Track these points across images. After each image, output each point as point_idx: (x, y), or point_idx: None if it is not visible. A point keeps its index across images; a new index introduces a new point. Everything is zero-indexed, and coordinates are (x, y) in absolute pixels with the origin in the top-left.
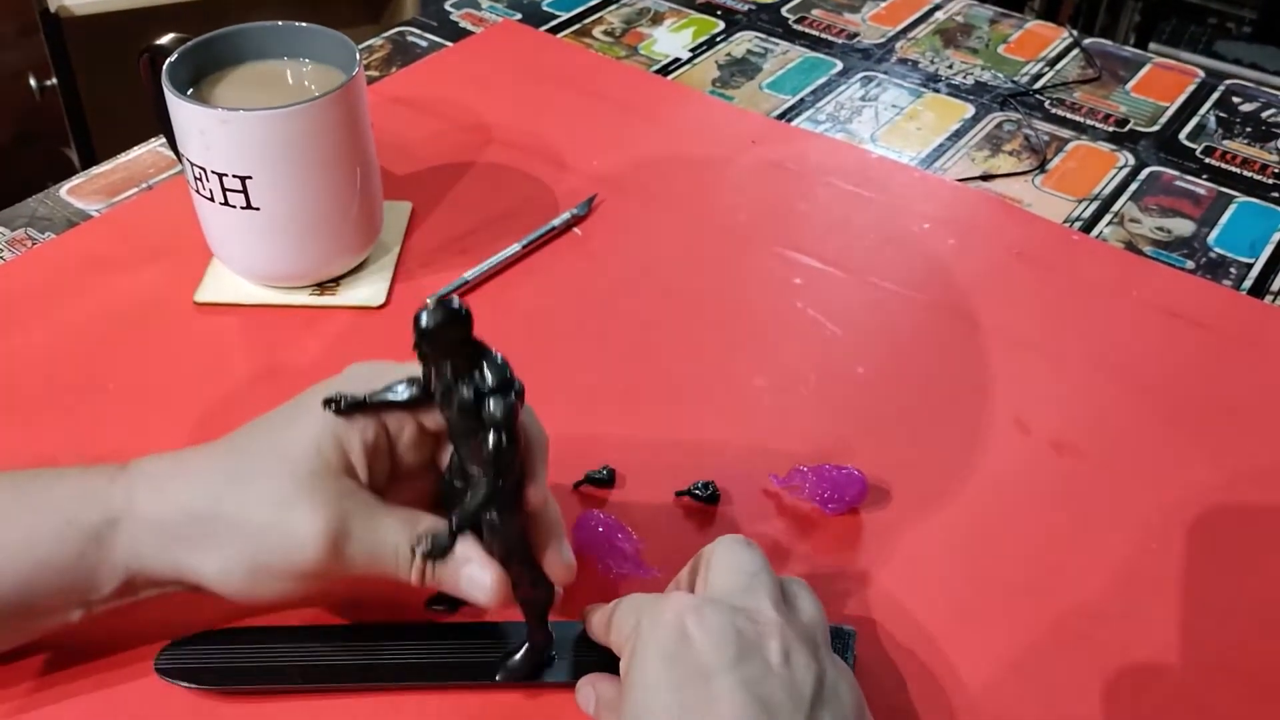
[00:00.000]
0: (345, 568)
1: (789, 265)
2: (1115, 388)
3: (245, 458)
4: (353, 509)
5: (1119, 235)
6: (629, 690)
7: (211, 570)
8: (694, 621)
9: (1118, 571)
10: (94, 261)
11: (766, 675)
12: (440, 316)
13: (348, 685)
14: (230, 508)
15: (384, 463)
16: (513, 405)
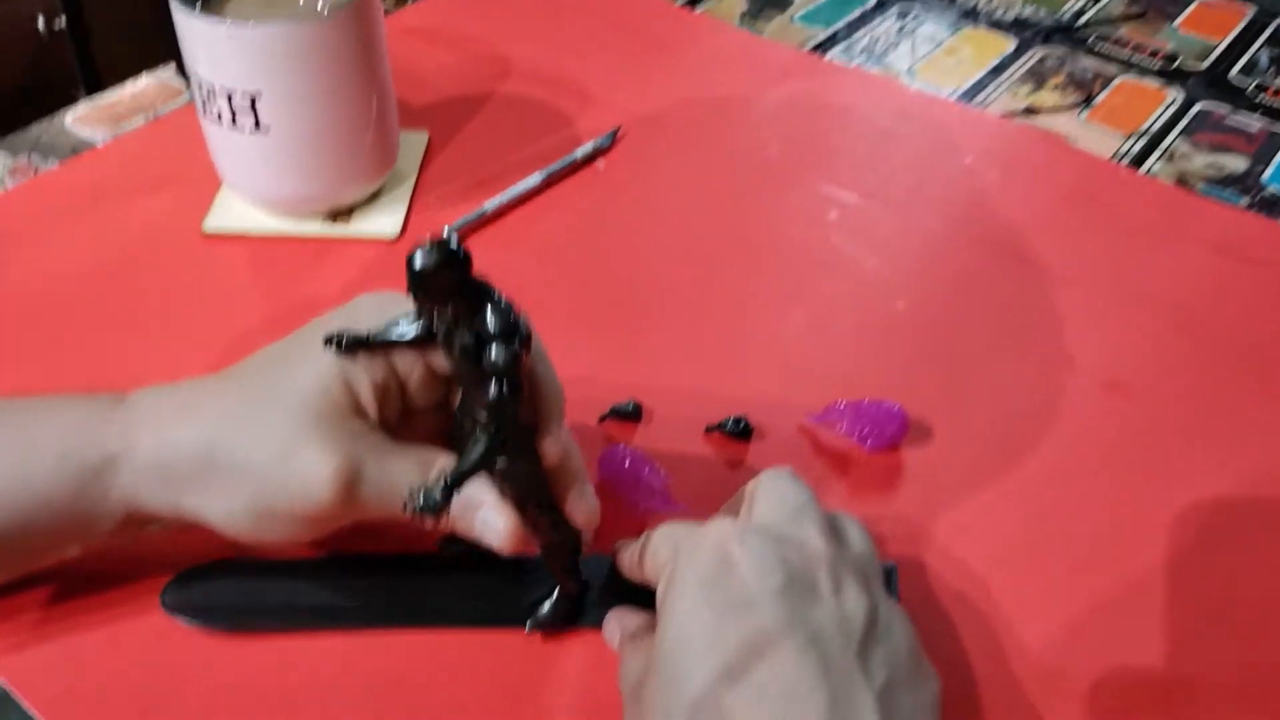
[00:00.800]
0: (356, 511)
1: (823, 200)
2: (1167, 326)
3: (251, 398)
4: (364, 451)
5: (1169, 171)
6: (665, 617)
7: (216, 513)
8: (738, 548)
9: (1170, 512)
10: (99, 190)
11: (815, 606)
12: (436, 257)
13: (365, 626)
14: (236, 451)
15: (394, 402)
16: (517, 354)
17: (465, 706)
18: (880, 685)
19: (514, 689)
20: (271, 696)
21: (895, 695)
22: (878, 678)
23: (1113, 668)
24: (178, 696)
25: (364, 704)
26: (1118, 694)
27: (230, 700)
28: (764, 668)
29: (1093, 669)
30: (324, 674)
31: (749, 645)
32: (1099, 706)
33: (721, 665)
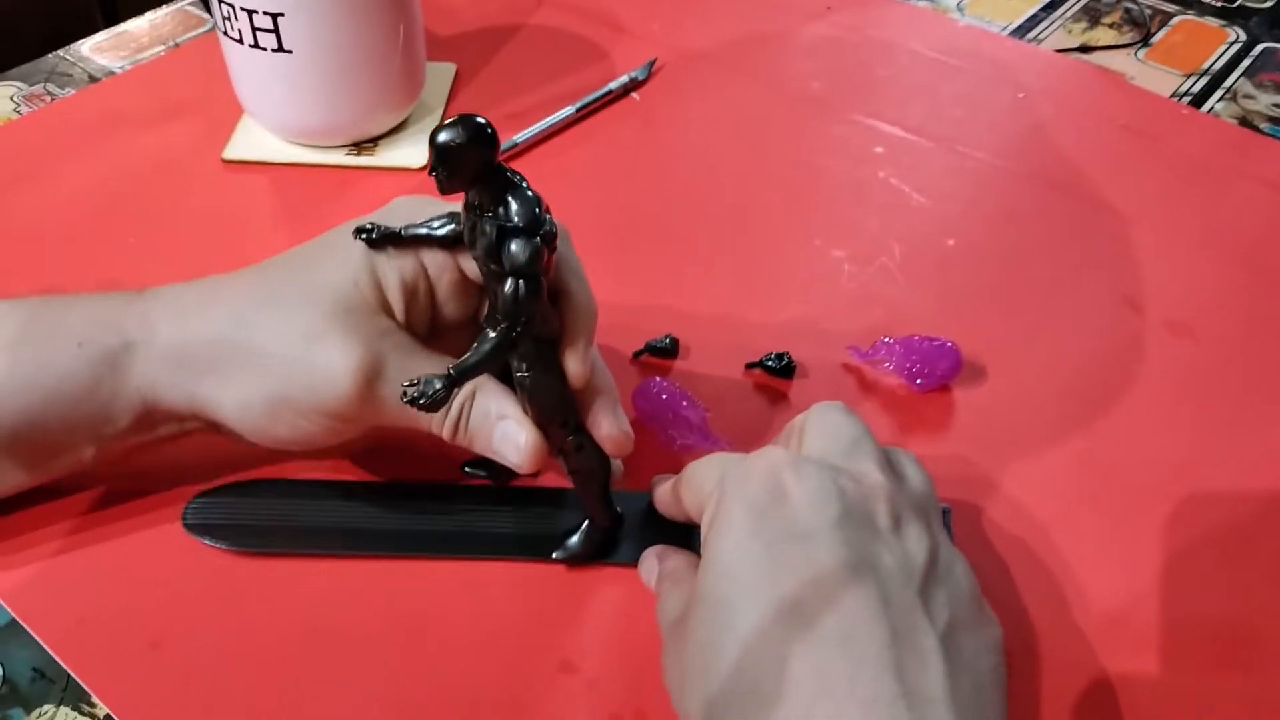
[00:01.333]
0: (374, 411)
1: (869, 134)
2: (1232, 267)
3: (275, 286)
4: (388, 348)
5: (1231, 111)
6: (711, 548)
7: (230, 403)
8: (791, 477)
9: (1236, 456)
10: (116, 117)
11: (874, 540)
12: (460, 133)
13: (391, 553)
14: (255, 337)
15: (423, 309)
16: (538, 249)
17: (487, 639)
18: (943, 626)
19: (541, 623)
20: (289, 621)
21: (958, 637)
22: (940, 618)
23: (1175, 615)
24: (191, 625)
25: (388, 632)
26: (1180, 641)
27: (246, 625)
28: (820, 603)
29: (1155, 616)
30: (345, 599)
31: (804, 579)
32: (1161, 654)
33: (774, 600)
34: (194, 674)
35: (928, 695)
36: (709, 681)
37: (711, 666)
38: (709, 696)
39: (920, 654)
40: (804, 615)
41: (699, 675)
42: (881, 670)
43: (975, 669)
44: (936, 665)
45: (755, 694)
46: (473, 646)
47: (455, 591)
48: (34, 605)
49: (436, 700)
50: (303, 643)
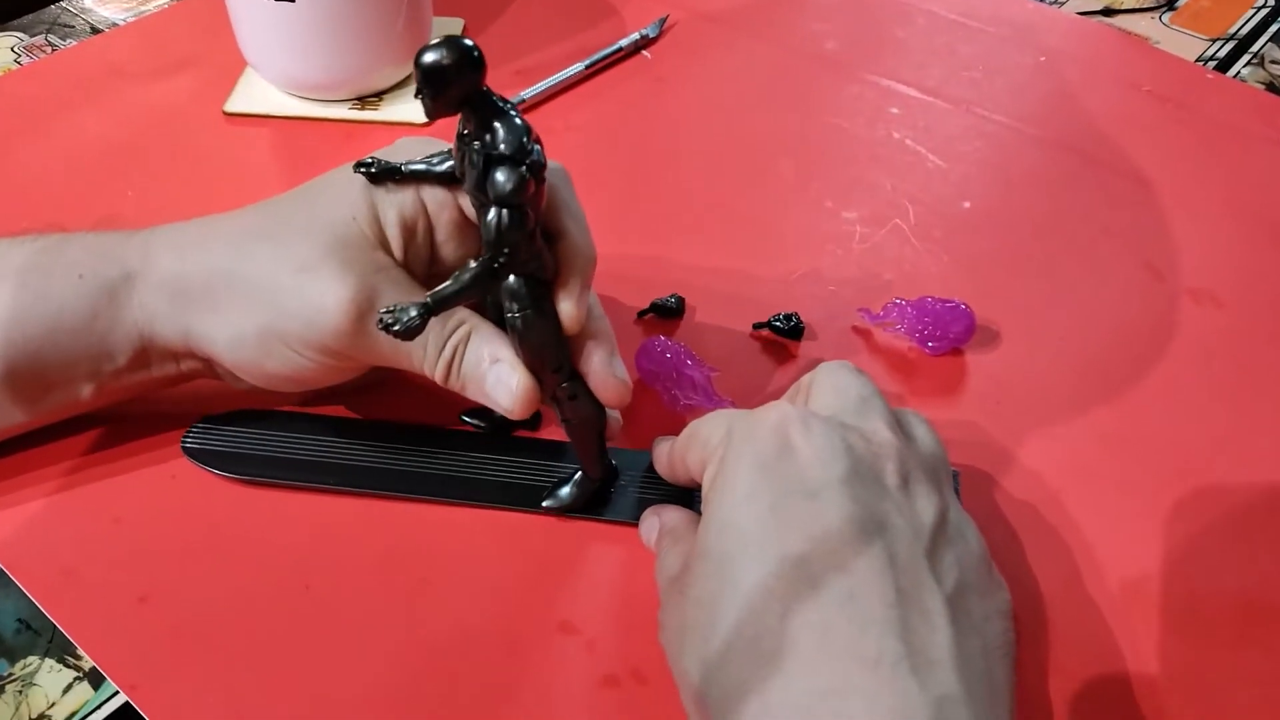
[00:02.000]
0: (366, 348)
1: (885, 94)
2: (1257, 234)
3: (274, 220)
4: (383, 284)
5: (1258, 77)
6: (715, 502)
7: (223, 335)
8: (799, 432)
9: (1257, 426)
10: (118, 69)
11: (883, 499)
12: (445, 54)
13: (385, 491)
14: (250, 268)
15: (422, 248)
16: (524, 178)
17: (486, 598)
18: (951, 588)
19: (541, 581)
20: (279, 576)
21: (966, 600)
22: (948, 580)
23: (1190, 589)
24: (180, 578)
25: (381, 590)
26: (1194, 616)
27: (235, 579)
28: (824, 561)
29: (1169, 589)
30: (337, 554)
31: (809, 536)
32: (1174, 628)
33: (777, 557)
34: (181, 627)
35: (933, 657)
36: (707, 639)
37: (710, 624)
38: (707, 655)
39: (926, 615)
40: (808, 573)
41: (697, 633)
42: (886, 630)
43: (983, 633)
44: (943, 627)
45: (754, 652)
46: (470, 606)
47: (454, 548)
48: (21, 556)
49: (431, 658)
50: (293, 599)
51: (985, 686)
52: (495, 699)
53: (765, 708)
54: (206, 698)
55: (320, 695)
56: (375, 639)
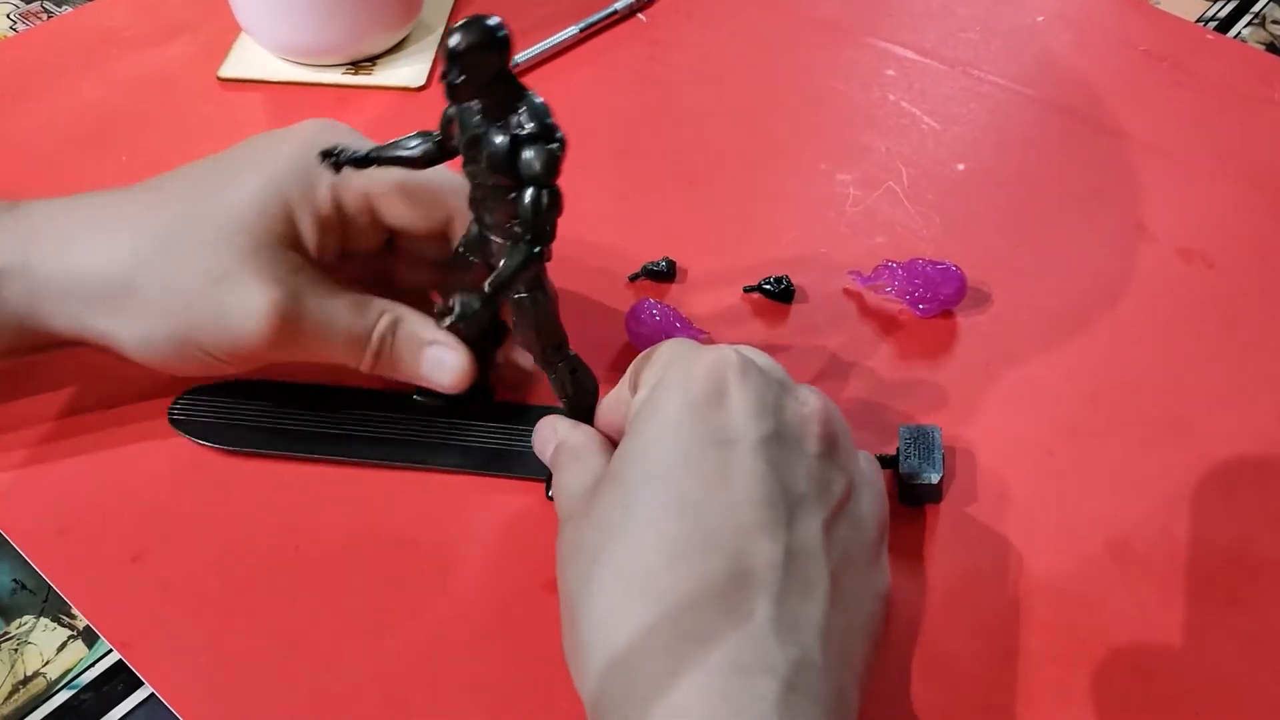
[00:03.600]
0: (288, 351)
1: (881, 56)
2: (1251, 196)
3: (177, 218)
4: (302, 287)
5: (1259, 37)
6: (637, 431)
7: (130, 338)
8: (736, 379)
9: (1247, 388)
10: (112, 36)
11: (797, 462)
12: (476, 35)
13: (375, 460)
14: (157, 277)
15: (334, 240)
16: (557, 156)
17: (472, 558)
18: (836, 560)
19: (527, 541)
20: (271, 537)
21: (847, 575)
22: (834, 555)
23: (1175, 546)
24: (173, 538)
25: (372, 549)
26: (1180, 573)
27: (228, 540)
28: (720, 515)
29: (1154, 547)
30: (329, 515)
31: (712, 486)
32: (1159, 585)
33: (679, 500)
34: (173, 586)
35: (801, 623)
36: (597, 563)
37: (600, 549)
38: (590, 577)
39: (806, 584)
40: (703, 521)
41: (586, 554)
42: (763, 590)
43: (854, 610)
44: (819, 598)
45: (633, 587)
46: (456, 567)
47: (438, 509)
48: (16, 516)
49: (417, 617)
50: (285, 559)
51: (840, 659)
52: (481, 657)
53: (630, 643)
54: (198, 655)
55: (309, 652)
56: (362, 598)
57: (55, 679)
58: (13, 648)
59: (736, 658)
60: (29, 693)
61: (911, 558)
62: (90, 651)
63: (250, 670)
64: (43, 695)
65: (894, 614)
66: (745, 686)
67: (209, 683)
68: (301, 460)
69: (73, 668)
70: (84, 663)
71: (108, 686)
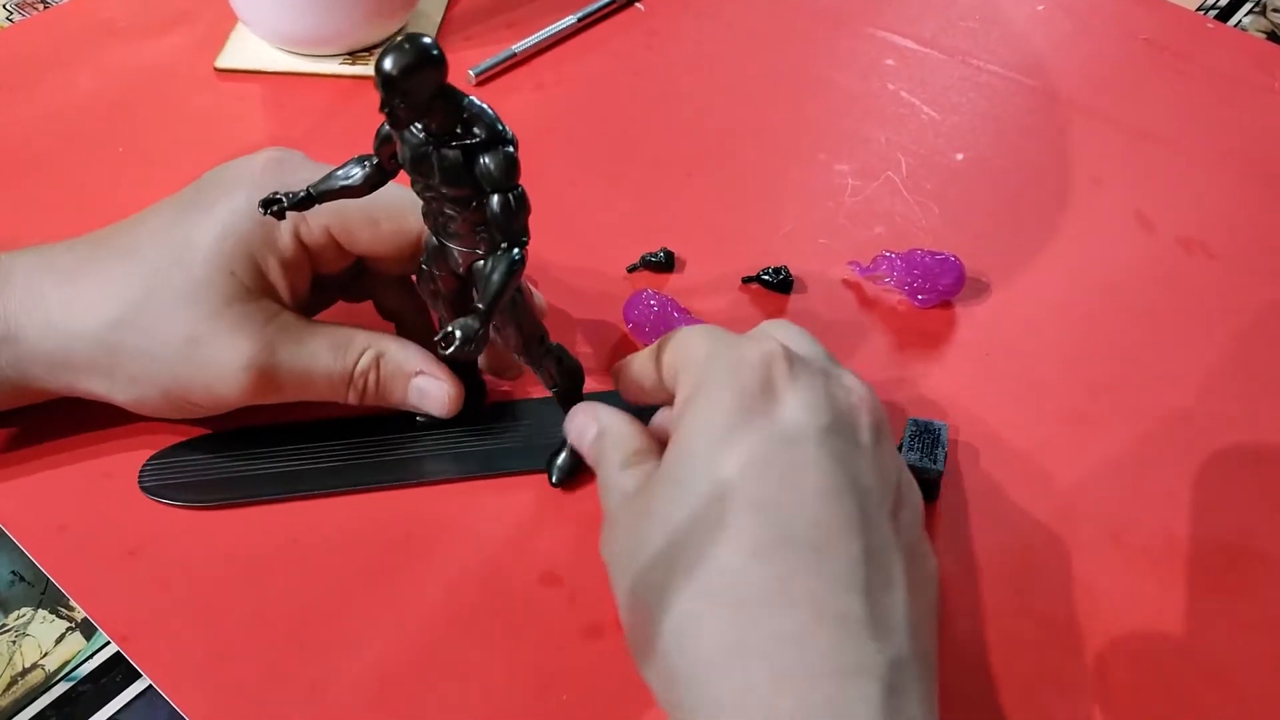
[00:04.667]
0: (273, 397)
1: (880, 46)
2: (1251, 185)
3: (148, 282)
4: (275, 336)
5: (1260, 26)
6: (690, 426)
7: (123, 398)
8: (783, 374)
9: (1248, 378)
10: (109, 26)
11: (857, 453)
12: (410, 57)
13: (360, 487)
14: (136, 344)
15: (303, 277)
16: (514, 158)
17: (468, 551)
18: (906, 550)
19: (521, 535)
20: (268, 530)
21: (916, 561)
22: (905, 538)
23: (1173, 535)
24: (170, 533)
25: (369, 539)
26: (1178, 562)
27: (225, 533)
28: (797, 511)
29: (1153, 536)
30: (326, 509)
31: (786, 484)
32: (1156, 573)
33: (752, 498)
34: (170, 580)
35: (890, 619)
36: (666, 567)
37: (671, 552)
38: (662, 582)
39: (888, 576)
40: (779, 520)
41: (653, 556)
42: (851, 588)
43: (924, 599)
44: (900, 589)
45: (711, 588)
46: (453, 560)
47: (435, 504)
48: (14, 510)
49: (414, 611)
50: (279, 552)
51: (923, 651)
52: (478, 651)
53: (722, 645)
54: (195, 647)
55: (305, 645)
56: (359, 591)
57: (53, 671)
58: (11, 640)
59: (837, 661)
60: (27, 684)
61: None
62: (88, 644)
63: (248, 663)
64: (41, 687)
65: None
66: (848, 691)
67: (207, 675)
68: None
69: (71, 660)
70: (82, 655)
71: (106, 679)
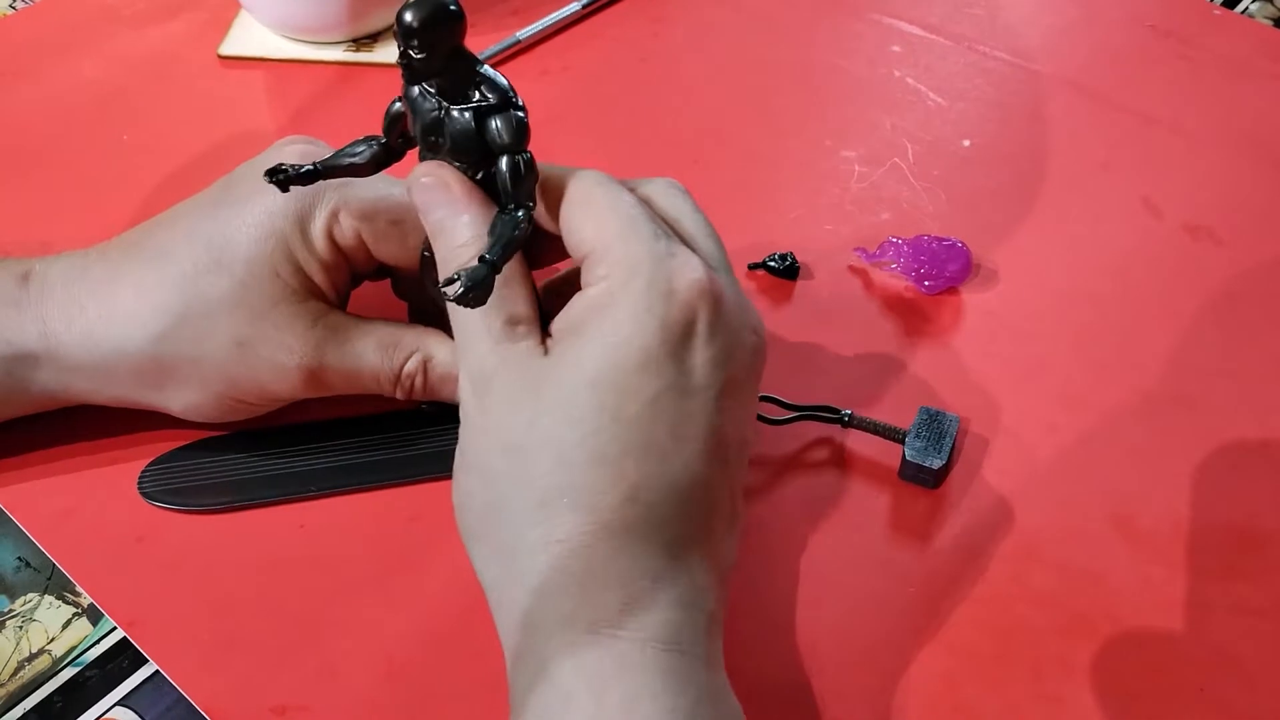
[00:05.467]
0: (323, 391)
1: (886, 32)
2: (1258, 172)
3: (189, 289)
4: (323, 337)
5: (1267, 12)
6: (598, 334)
7: (176, 406)
8: (706, 322)
9: (1257, 364)
10: (112, 13)
11: (745, 405)
12: (431, 8)
13: (363, 486)
14: (185, 353)
15: (344, 276)
16: (524, 122)
17: None
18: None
19: None
20: (274, 518)
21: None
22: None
23: (1181, 521)
24: (176, 519)
25: (375, 522)
26: (1188, 546)
27: (231, 520)
28: (685, 454)
29: (1160, 521)
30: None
31: (676, 430)
32: (1163, 558)
33: (643, 444)
34: (177, 566)
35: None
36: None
37: (539, 452)
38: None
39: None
40: (665, 470)
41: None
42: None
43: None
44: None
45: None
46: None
47: (443, 490)
48: (20, 496)
49: (421, 596)
50: (287, 538)
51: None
52: (483, 638)
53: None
54: (201, 633)
55: (312, 632)
56: (367, 579)
57: (60, 656)
58: (18, 625)
59: (679, 596)
60: (34, 670)
61: (916, 532)
62: (95, 629)
63: (254, 648)
64: (47, 672)
65: (899, 586)
66: (687, 621)
67: (213, 660)
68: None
69: (77, 645)
70: (88, 640)
71: (112, 664)
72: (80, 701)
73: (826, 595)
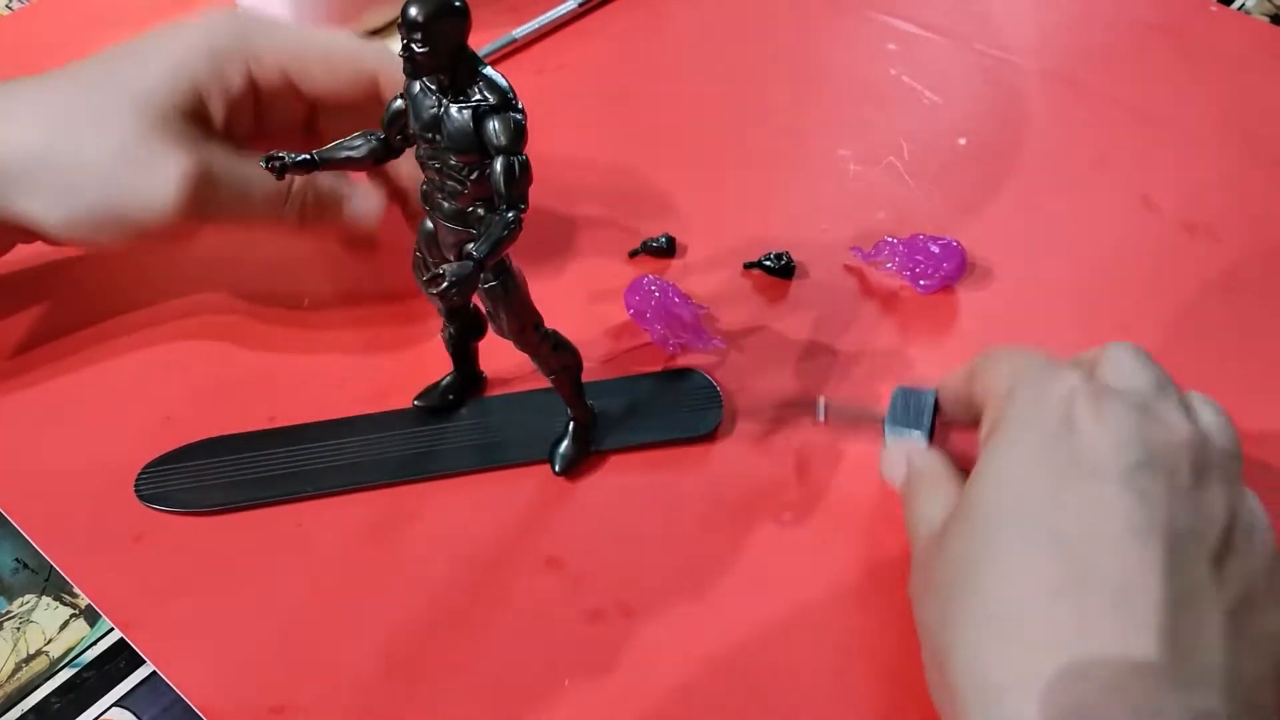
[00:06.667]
0: (208, 217)
1: (882, 30)
2: (1255, 169)
3: (88, 95)
4: (212, 153)
5: (1264, 9)
6: (990, 463)
7: (53, 218)
8: (1088, 410)
9: (1252, 364)
10: (109, 13)
11: (1172, 496)
12: (436, 3)
13: (358, 485)
14: (71, 149)
15: (246, 118)
16: (522, 124)
17: (471, 536)
18: (1232, 600)
19: (524, 520)
20: (272, 516)
21: (1251, 615)
22: (1230, 590)
23: None
24: (174, 518)
25: (373, 525)
26: None
27: (229, 519)
28: (1098, 550)
29: None
30: (330, 497)
31: (1086, 521)
32: None
33: (1050, 534)
34: (174, 566)
35: (1199, 672)
36: (957, 600)
37: (964, 588)
38: (954, 616)
39: (1203, 631)
40: (1078, 559)
41: (947, 593)
42: (1153, 636)
43: (1262, 655)
44: (1216, 641)
45: (1008, 625)
46: (457, 543)
47: (440, 487)
48: (16, 497)
49: (418, 594)
50: (283, 537)
51: (1249, 709)
52: (483, 634)
53: (1010, 686)
54: (199, 634)
55: (310, 632)
56: (364, 574)
57: (57, 657)
58: (16, 626)
59: (1133, 705)
60: (31, 671)
61: None
62: (92, 630)
63: (252, 648)
64: (45, 673)
65: (891, 583)
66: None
67: (211, 662)
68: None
69: (75, 646)
70: (86, 641)
71: (110, 665)
72: (78, 702)
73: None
